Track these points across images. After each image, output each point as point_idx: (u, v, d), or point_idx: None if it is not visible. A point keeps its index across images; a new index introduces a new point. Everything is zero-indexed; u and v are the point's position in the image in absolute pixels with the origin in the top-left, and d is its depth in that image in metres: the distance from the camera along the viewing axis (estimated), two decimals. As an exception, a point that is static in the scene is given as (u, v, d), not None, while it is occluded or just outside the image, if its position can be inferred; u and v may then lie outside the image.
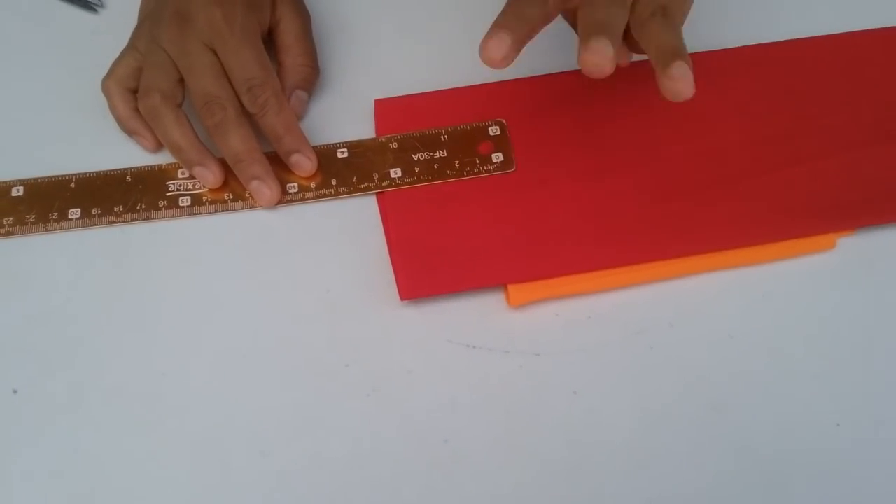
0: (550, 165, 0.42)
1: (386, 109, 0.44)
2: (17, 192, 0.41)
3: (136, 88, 0.42)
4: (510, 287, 0.39)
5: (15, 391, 0.37)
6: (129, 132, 0.43)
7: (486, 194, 0.42)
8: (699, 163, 0.43)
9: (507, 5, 0.37)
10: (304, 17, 0.45)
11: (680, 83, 0.34)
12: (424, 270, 0.39)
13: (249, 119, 0.41)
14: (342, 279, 0.40)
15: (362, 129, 0.44)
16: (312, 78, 0.45)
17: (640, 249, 0.40)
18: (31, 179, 0.41)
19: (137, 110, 0.42)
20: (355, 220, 0.41)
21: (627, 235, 0.41)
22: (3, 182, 0.41)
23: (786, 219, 0.41)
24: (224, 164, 0.41)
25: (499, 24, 0.35)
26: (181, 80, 0.41)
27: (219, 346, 0.38)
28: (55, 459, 0.35)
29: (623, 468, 0.36)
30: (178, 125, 0.40)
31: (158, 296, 0.39)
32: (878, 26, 0.48)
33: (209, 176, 0.41)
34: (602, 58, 0.33)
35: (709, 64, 0.46)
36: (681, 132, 0.44)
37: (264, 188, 0.40)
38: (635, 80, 0.44)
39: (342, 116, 0.45)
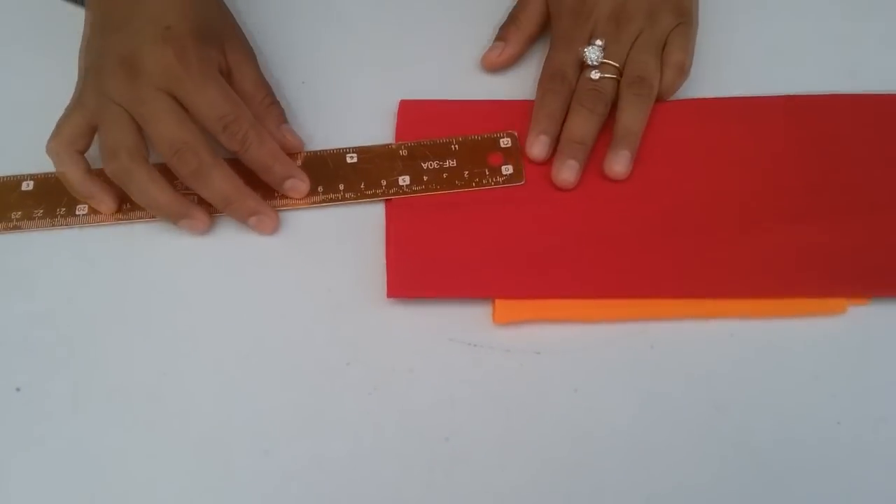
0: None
1: (409, 111, 0.44)
2: (28, 186, 0.41)
3: (84, 149, 0.40)
4: (497, 303, 0.39)
5: (18, 389, 0.37)
6: (85, 197, 0.40)
7: (492, 205, 0.41)
8: (717, 204, 0.41)
9: (539, 106, 0.42)
10: (254, 57, 0.44)
11: (615, 169, 0.41)
12: (416, 272, 0.39)
13: (223, 155, 0.39)
14: (343, 278, 0.40)
15: (374, 133, 0.44)
16: (283, 112, 0.43)
17: (638, 283, 0.39)
18: (41, 174, 0.42)
19: (90, 172, 0.40)
20: (357, 218, 0.41)
21: (627, 266, 0.39)
22: (14, 176, 0.42)
23: (798, 275, 0.39)
24: (207, 206, 0.40)
25: (538, 130, 0.42)
26: (140, 131, 0.38)
27: (221, 345, 0.38)
28: (57, 458, 0.35)
29: (624, 466, 0.36)
30: (152, 182, 0.38)
31: (160, 295, 0.39)
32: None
33: (199, 225, 0.40)
34: (568, 183, 0.41)
35: (744, 108, 0.44)
36: (704, 171, 0.42)
37: (265, 219, 0.40)
38: (665, 113, 0.43)
39: (351, 120, 0.45)
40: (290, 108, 0.45)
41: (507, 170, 0.42)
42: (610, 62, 0.42)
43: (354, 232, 0.41)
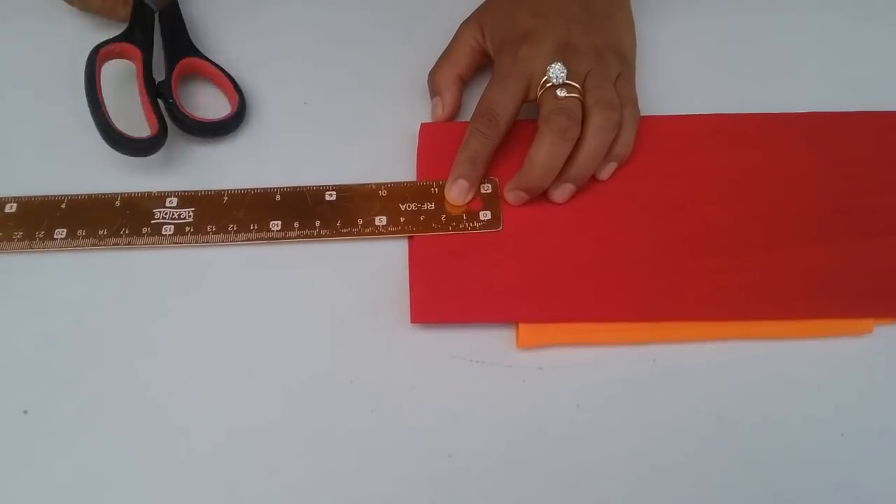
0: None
1: (430, 134, 0.44)
2: (11, 208, 0.42)
3: None
4: (521, 328, 0.38)
5: (26, 412, 0.37)
6: None
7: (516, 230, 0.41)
8: (741, 225, 0.41)
9: (463, 149, 0.41)
10: None
11: (554, 197, 0.42)
12: (439, 297, 0.39)
13: None
14: (346, 296, 0.40)
15: (377, 153, 0.44)
16: None
17: (663, 306, 0.39)
18: (24, 197, 0.42)
19: None
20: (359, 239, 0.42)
21: (652, 289, 0.39)
22: None
23: (824, 296, 0.39)
24: None
25: (457, 174, 0.41)
26: None
27: (226, 364, 0.38)
28: (65, 479, 0.36)
29: (627, 480, 0.36)
30: None
31: (166, 317, 0.40)
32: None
33: None
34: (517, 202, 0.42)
35: (764, 126, 0.44)
36: (727, 191, 0.42)
37: None
38: (684, 129, 0.44)
39: (354, 141, 0.45)
40: (291, 128, 0.45)
41: (486, 215, 0.42)
42: (573, 83, 0.40)
43: (357, 252, 0.41)
